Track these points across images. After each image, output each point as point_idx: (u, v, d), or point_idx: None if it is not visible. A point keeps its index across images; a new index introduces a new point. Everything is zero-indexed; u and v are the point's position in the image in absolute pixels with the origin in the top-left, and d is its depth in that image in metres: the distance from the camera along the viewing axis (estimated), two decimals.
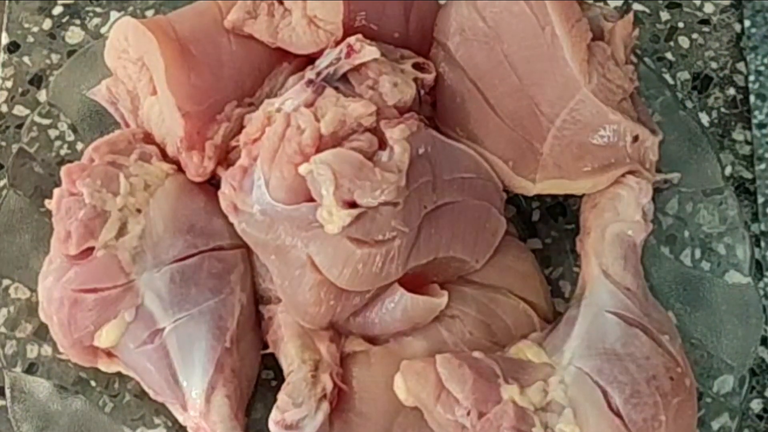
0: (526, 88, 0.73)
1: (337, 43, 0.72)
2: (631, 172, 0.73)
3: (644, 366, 0.67)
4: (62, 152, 0.79)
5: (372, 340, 0.71)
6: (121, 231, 0.70)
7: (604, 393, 0.66)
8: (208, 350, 0.69)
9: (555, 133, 0.72)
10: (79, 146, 0.79)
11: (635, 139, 0.72)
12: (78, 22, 0.85)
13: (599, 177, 0.72)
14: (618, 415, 0.66)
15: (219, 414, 0.68)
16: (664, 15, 0.86)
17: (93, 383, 0.73)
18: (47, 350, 0.74)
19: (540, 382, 0.67)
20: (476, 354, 0.68)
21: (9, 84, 0.83)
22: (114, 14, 0.85)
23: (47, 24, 0.85)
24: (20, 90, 0.83)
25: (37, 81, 0.84)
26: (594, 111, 0.71)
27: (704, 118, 0.82)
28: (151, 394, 0.71)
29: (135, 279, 0.70)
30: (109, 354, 0.71)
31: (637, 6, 0.86)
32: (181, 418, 0.70)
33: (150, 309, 0.69)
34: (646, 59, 0.83)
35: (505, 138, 0.73)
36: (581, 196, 0.75)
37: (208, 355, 0.69)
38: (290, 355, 0.70)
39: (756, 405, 0.75)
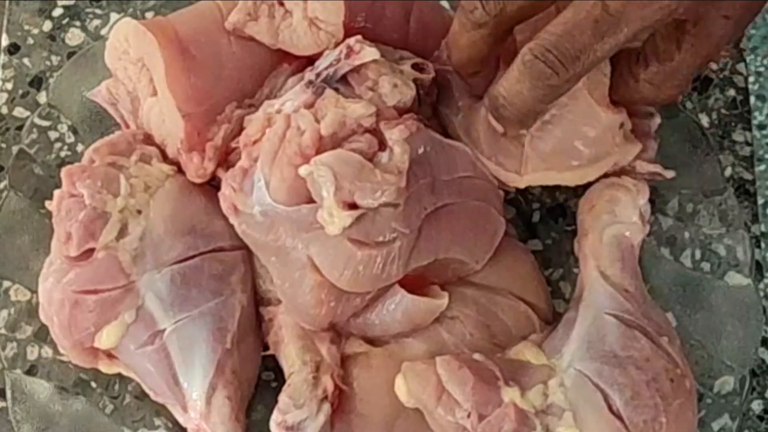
0: None
1: (337, 45, 0.72)
2: (624, 172, 0.73)
3: (644, 368, 0.67)
4: (62, 154, 0.79)
5: (372, 342, 0.71)
6: (122, 232, 0.70)
7: (605, 395, 0.66)
8: (209, 352, 0.69)
9: (539, 126, 0.71)
10: (80, 148, 0.79)
11: (621, 125, 0.71)
12: (78, 23, 0.85)
13: (587, 169, 0.72)
14: (619, 417, 0.66)
15: (219, 415, 0.68)
16: None
17: (93, 384, 0.73)
18: (48, 352, 0.74)
19: (540, 384, 0.67)
20: (476, 356, 0.68)
21: (9, 86, 0.83)
22: (114, 16, 0.85)
23: (47, 26, 0.85)
24: (20, 92, 0.83)
25: (37, 83, 0.83)
26: (585, 107, 0.71)
27: (704, 120, 0.82)
28: (152, 396, 0.71)
29: (135, 280, 0.70)
30: (109, 355, 0.71)
31: None
32: (181, 420, 0.70)
33: (150, 310, 0.69)
34: None
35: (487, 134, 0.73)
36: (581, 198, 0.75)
37: (209, 357, 0.69)
38: (291, 357, 0.70)
39: (757, 406, 0.75)
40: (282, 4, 0.74)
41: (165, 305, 0.69)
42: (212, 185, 0.74)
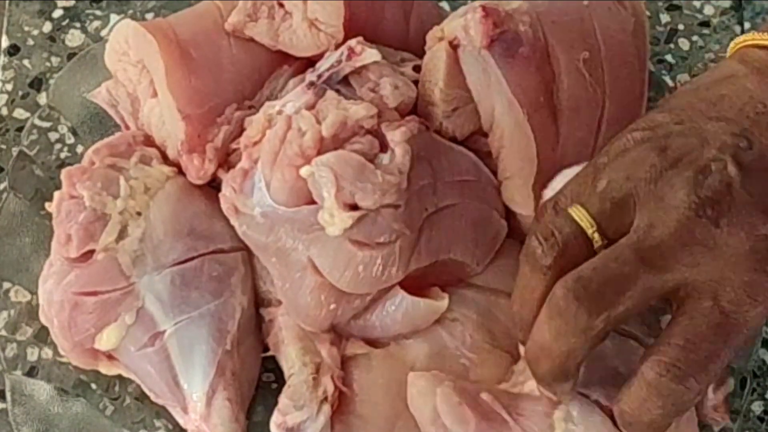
0: None
1: (338, 46, 0.72)
2: None
3: None
4: (62, 155, 0.79)
5: (373, 343, 0.71)
6: (122, 234, 0.70)
7: (614, 418, 0.63)
8: (209, 353, 0.69)
9: None
10: (80, 149, 0.79)
11: None
12: (78, 25, 0.85)
13: None
14: None
15: (220, 417, 0.68)
16: (664, 17, 0.86)
17: (93, 386, 0.73)
18: (48, 353, 0.74)
19: (546, 419, 0.65)
20: (484, 395, 0.66)
21: (9, 87, 0.83)
22: (114, 17, 0.85)
23: (47, 27, 0.85)
24: (20, 93, 0.83)
25: (38, 84, 0.83)
26: None
27: None
28: (152, 397, 0.71)
29: (135, 282, 0.70)
30: (109, 357, 0.71)
31: None
32: (181, 421, 0.70)
33: (150, 312, 0.69)
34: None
35: None
36: None
37: (209, 358, 0.69)
38: (291, 358, 0.69)
39: (757, 407, 0.75)
40: (282, 6, 0.74)
41: (165, 307, 0.69)
42: (212, 187, 0.74)
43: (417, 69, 0.74)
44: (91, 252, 0.70)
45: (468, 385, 0.67)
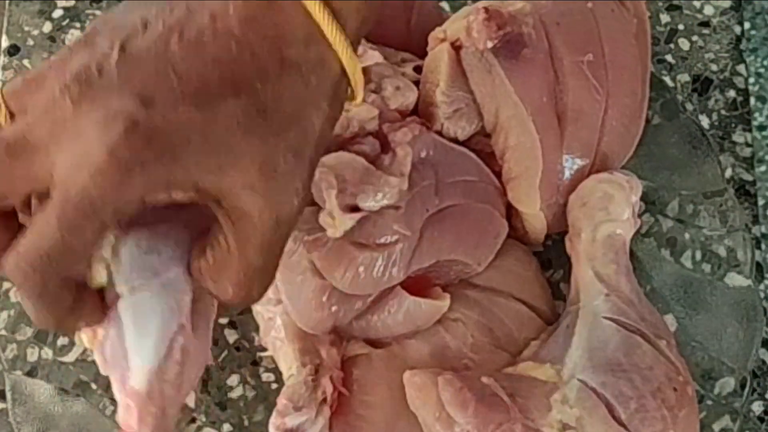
0: None
1: None
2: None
3: (648, 377, 0.66)
4: None
5: (374, 344, 0.71)
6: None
7: (609, 407, 0.65)
8: (162, 326, 0.59)
9: None
10: None
11: None
12: (78, 25, 0.85)
13: None
14: (626, 429, 0.65)
15: (159, 399, 0.59)
16: (664, 17, 0.86)
17: (94, 386, 0.73)
18: (48, 353, 0.74)
19: (544, 400, 0.66)
20: (484, 379, 0.67)
21: None
22: None
23: (47, 27, 0.85)
24: None
25: None
26: None
27: (704, 121, 0.82)
28: (101, 369, 0.61)
29: None
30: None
31: None
32: (118, 396, 0.60)
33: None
34: None
35: None
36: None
37: (161, 332, 0.59)
38: (290, 358, 0.69)
39: (757, 407, 0.75)
40: None
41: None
42: None
43: (417, 69, 0.74)
44: None
45: (469, 373, 0.68)
